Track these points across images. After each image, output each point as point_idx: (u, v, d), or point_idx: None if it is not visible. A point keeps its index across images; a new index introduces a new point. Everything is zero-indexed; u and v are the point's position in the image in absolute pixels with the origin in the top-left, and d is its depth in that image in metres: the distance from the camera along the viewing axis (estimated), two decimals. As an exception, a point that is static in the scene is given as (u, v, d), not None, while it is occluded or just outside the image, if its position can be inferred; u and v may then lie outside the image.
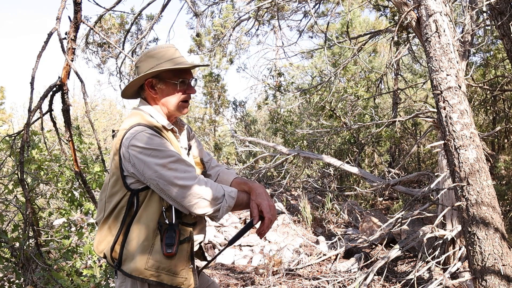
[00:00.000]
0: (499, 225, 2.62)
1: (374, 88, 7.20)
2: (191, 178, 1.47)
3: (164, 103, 1.63)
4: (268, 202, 1.56)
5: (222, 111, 11.06)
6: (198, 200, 1.46)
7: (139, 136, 1.47)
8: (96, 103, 11.66)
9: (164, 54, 1.62)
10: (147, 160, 1.44)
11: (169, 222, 1.50)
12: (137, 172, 1.47)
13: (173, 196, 1.46)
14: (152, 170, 1.44)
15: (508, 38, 3.38)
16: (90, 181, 3.30)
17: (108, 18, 5.71)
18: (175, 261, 1.50)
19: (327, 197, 6.35)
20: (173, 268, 1.50)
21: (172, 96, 1.62)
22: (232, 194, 1.52)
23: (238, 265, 4.67)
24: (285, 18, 7.21)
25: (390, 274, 4.11)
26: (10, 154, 2.76)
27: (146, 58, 1.61)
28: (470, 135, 2.68)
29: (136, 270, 1.47)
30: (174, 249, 1.47)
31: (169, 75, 1.61)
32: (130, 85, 1.64)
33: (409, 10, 2.97)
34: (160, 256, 1.48)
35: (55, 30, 1.78)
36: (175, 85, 1.61)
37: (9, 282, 2.90)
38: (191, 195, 1.45)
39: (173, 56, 1.62)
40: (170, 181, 1.44)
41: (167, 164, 1.45)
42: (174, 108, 1.63)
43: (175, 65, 1.58)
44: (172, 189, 1.44)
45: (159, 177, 1.44)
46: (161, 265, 1.48)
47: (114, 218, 1.53)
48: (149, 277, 1.47)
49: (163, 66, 1.58)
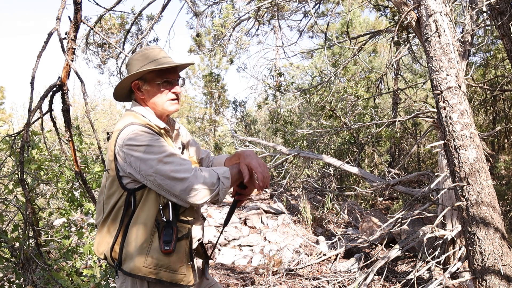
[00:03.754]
0: (499, 225, 2.62)
1: (374, 88, 7.20)
2: (188, 170, 1.48)
3: (152, 104, 1.65)
4: (257, 160, 1.60)
5: (222, 111, 11.07)
6: (197, 191, 1.47)
7: (133, 134, 1.49)
8: (96, 103, 11.67)
9: (148, 55, 1.63)
10: (142, 157, 1.46)
11: (166, 219, 1.51)
12: (134, 170, 1.48)
13: (172, 190, 1.47)
14: (149, 166, 1.45)
15: (508, 38, 3.38)
16: (90, 181, 3.30)
17: (108, 18, 5.71)
18: (174, 258, 1.51)
19: (327, 197, 6.35)
20: (172, 265, 1.51)
21: (158, 97, 1.63)
22: (225, 175, 1.55)
23: (238, 265, 4.67)
24: (285, 18, 7.21)
25: (390, 274, 4.11)
26: (10, 154, 2.76)
27: (132, 61, 1.64)
28: (470, 135, 2.68)
29: (135, 268, 1.48)
30: (171, 246, 1.48)
31: (153, 76, 1.62)
32: (118, 88, 1.67)
33: (409, 10, 2.97)
34: (158, 253, 1.48)
35: (55, 30, 1.78)
36: (159, 85, 1.62)
37: (9, 282, 2.90)
38: (190, 187, 1.46)
39: (157, 57, 1.63)
40: (167, 174, 1.45)
41: (163, 159, 1.46)
42: (162, 108, 1.65)
43: (157, 66, 1.59)
44: (170, 183, 1.45)
45: (156, 172, 1.45)
46: (160, 263, 1.49)
47: (112, 219, 1.55)
48: (148, 274, 1.47)
49: (146, 67, 1.59)
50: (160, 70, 1.62)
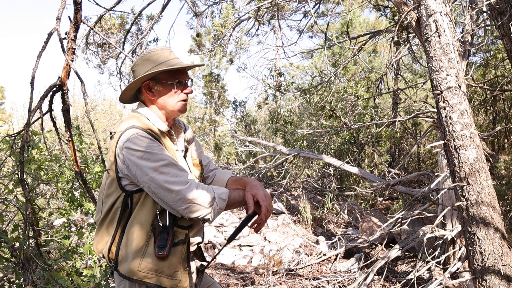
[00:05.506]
0: (499, 225, 2.62)
1: (374, 88, 7.20)
2: (182, 182, 1.48)
3: (162, 104, 1.64)
4: (264, 192, 1.58)
5: (222, 111, 11.06)
6: (189, 204, 1.47)
7: (133, 138, 1.49)
8: (96, 103, 11.66)
9: (159, 56, 1.64)
10: (139, 162, 1.46)
11: (163, 224, 1.51)
12: (131, 174, 1.49)
13: (164, 200, 1.47)
14: (144, 173, 1.46)
15: (508, 38, 3.38)
16: (90, 181, 3.30)
17: (108, 18, 5.71)
18: (168, 263, 1.51)
19: (327, 197, 6.35)
20: (166, 270, 1.51)
21: (170, 97, 1.63)
22: (222, 196, 1.54)
23: (238, 265, 4.67)
24: (285, 18, 7.21)
25: (390, 274, 4.11)
26: (10, 154, 2.76)
27: (142, 62, 1.64)
28: (470, 135, 2.68)
29: (130, 272, 1.48)
30: (165, 251, 1.48)
31: (166, 77, 1.63)
32: (128, 89, 1.66)
33: (409, 10, 2.97)
34: (152, 258, 1.49)
35: (55, 30, 1.78)
36: (172, 85, 1.63)
37: (9, 282, 2.90)
38: (182, 200, 1.46)
39: (168, 58, 1.64)
40: (161, 185, 1.45)
41: (159, 168, 1.46)
42: (173, 108, 1.65)
43: (171, 66, 1.60)
44: (163, 192, 1.46)
45: (151, 180, 1.45)
46: (154, 267, 1.49)
47: (110, 219, 1.55)
48: (143, 278, 1.48)
49: (159, 68, 1.60)
50: (173, 70, 1.63)
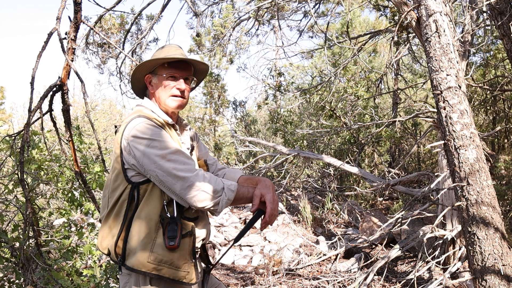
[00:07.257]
0: (499, 225, 2.62)
1: (374, 88, 7.20)
2: (190, 170, 1.47)
3: (158, 97, 1.65)
4: (273, 195, 1.54)
5: (222, 111, 11.06)
6: (197, 192, 1.45)
7: (139, 127, 1.49)
8: (96, 103, 11.66)
9: (163, 51, 1.66)
10: (146, 150, 1.46)
11: (170, 216, 1.49)
12: (137, 163, 1.48)
13: (172, 188, 1.46)
14: (151, 161, 1.45)
15: (508, 38, 3.38)
16: (90, 181, 3.30)
17: (108, 18, 5.70)
18: (177, 254, 1.50)
19: (327, 197, 6.35)
20: (175, 261, 1.49)
21: (162, 90, 1.64)
22: (231, 188, 1.51)
23: (238, 265, 4.67)
24: (285, 18, 7.21)
25: (390, 274, 4.11)
26: (10, 154, 2.76)
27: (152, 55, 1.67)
28: (470, 135, 2.68)
29: (139, 264, 1.47)
30: (176, 241, 1.47)
31: (161, 70, 1.64)
32: (133, 80, 1.70)
33: (409, 10, 2.97)
34: (162, 249, 1.47)
35: (55, 30, 1.78)
36: (163, 78, 1.63)
37: (9, 282, 2.90)
38: (190, 187, 1.45)
39: (170, 52, 1.65)
40: (169, 172, 1.44)
41: (166, 155, 1.45)
42: (164, 102, 1.64)
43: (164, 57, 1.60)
44: (171, 180, 1.45)
45: (158, 168, 1.44)
46: (164, 259, 1.47)
47: (116, 213, 1.54)
48: (151, 270, 1.46)
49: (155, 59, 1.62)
50: (169, 65, 1.62)
